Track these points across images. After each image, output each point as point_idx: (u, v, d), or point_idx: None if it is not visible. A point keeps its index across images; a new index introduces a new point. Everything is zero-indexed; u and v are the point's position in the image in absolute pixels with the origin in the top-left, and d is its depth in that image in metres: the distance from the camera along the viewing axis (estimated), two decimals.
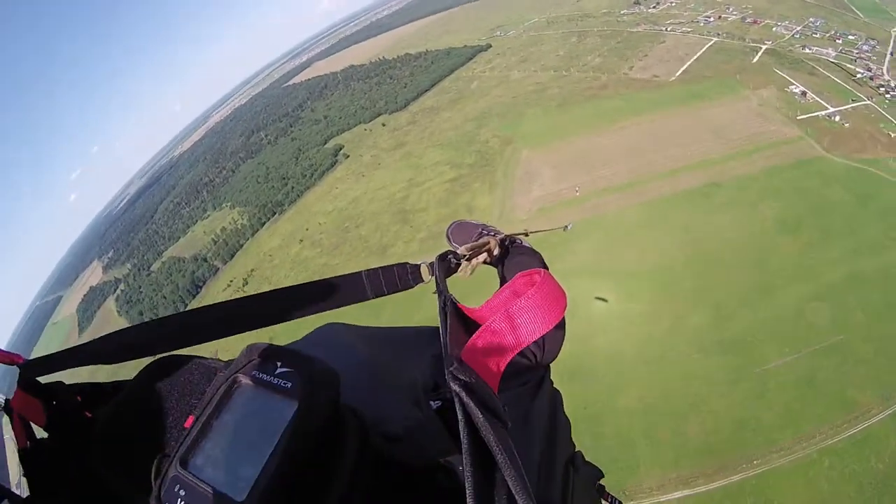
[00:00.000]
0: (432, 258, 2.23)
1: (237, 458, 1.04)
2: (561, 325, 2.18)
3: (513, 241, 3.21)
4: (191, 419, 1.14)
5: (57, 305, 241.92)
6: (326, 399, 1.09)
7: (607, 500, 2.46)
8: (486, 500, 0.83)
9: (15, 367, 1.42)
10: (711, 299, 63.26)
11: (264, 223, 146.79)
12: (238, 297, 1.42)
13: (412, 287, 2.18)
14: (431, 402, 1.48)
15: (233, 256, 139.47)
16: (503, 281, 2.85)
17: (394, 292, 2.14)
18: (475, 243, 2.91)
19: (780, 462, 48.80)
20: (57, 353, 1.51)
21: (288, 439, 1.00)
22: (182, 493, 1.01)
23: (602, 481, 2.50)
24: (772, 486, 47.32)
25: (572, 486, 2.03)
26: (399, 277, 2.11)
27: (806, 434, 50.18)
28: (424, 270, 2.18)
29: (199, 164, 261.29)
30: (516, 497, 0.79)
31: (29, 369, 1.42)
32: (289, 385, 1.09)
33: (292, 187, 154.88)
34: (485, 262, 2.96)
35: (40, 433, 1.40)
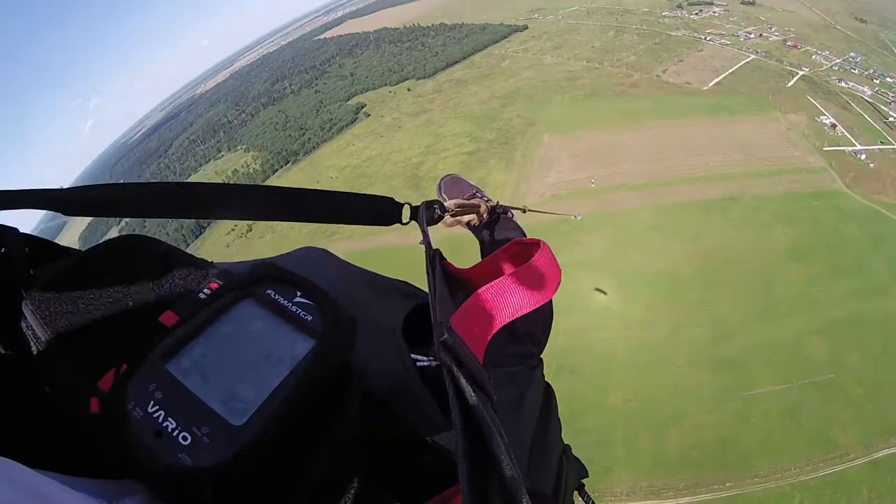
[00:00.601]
0: (418, 203, 2.18)
1: (235, 376, 0.88)
2: (550, 307, 2.27)
3: (504, 211, 3.17)
4: (170, 315, 0.99)
5: (60, 231, 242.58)
6: (345, 346, 0.96)
7: (583, 499, 2.46)
8: (478, 479, 0.77)
9: None
10: (712, 314, 62.65)
11: (276, 170, 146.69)
12: (223, 182, 1.41)
13: (389, 224, 2.11)
14: (418, 360, 1.41)
15: None
16: (484, 248, 3.00)
17: (371, 224, 2.06)
18: (465, 202, 2.91)
19: (752, 489, 48.63)
20: (22, 189, 1.32)
21: (301, 376, 0.87)
22: (158, 394, 0.84)
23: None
24: None
25: (566, 478, 2.00)
26: (379, 211, 2.03)
27: (782, 465, 49.97)
28: (406, 213, 2.11)
29: (219, 105, 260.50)
30: (506, 477, 0.77)
31: None
32: (308, 318, 0.96)
33: (309, 138, 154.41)
34: (468, 224, 2.98)
35: None
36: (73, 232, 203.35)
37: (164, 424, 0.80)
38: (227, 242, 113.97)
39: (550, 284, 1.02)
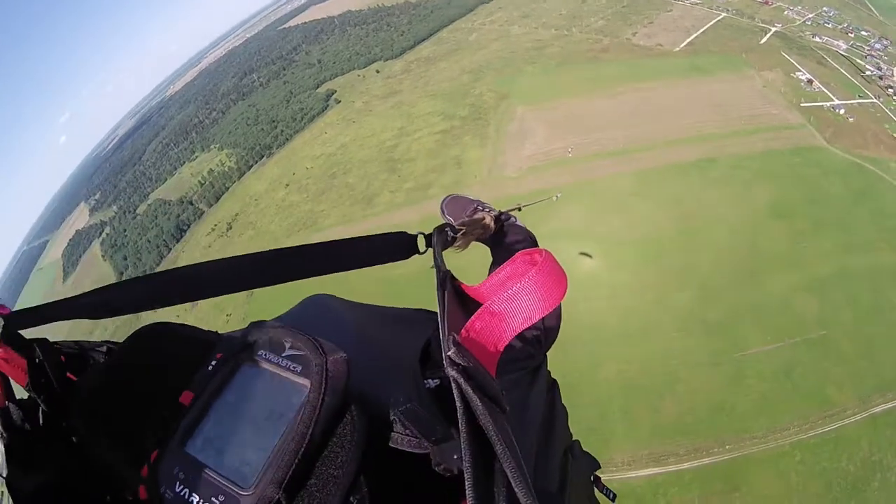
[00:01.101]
0: (429, 230, 2.23)
1: (241, 443, 1.00)
2: (559, 312, 2.31)
3: (507, 217, 3.16)
4: (188, 395, 1.10)
5: (43, 250, 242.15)
6: (338, 386, 1.05)
7: (602, 492, 2.50)
8: (485, 492, 0.80)
9: None
10: (698, 277, 62.19)
11: (251, 166, 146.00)
12: (228, 256, 1.49)
13: (406, 258, 2.16)
14: (427, 382, 1.43)
15: (218, 200, 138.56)
16: (495, 258, 2.96)
17: (388, 262, 2.10)
18: (471, 218, 2.95)
19: (752, 450, 48.28)
20: (45, 304, 1.41)
21: (298, 426, 0.97)
22: (181, 474, 0.97)
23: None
24: (742, 472, 46.83)
25: (570, 475, 2.05)
26: (394, 246, 2.08)
27: (780, 426, 49.67)
28: (420, 242, 2.17)
29: (189, 105, 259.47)
30: (515, 489, 0.76)
31: (14, 321, 1.31)
32: (298, 369, 1.06)
33: (281, 130, 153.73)
34: (478, 239, 2.96)
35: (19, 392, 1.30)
36: (58, 248, 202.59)
37: (190, 499, 0.92)
38: (209, 243, 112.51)
39: (556, 290, 1.01)
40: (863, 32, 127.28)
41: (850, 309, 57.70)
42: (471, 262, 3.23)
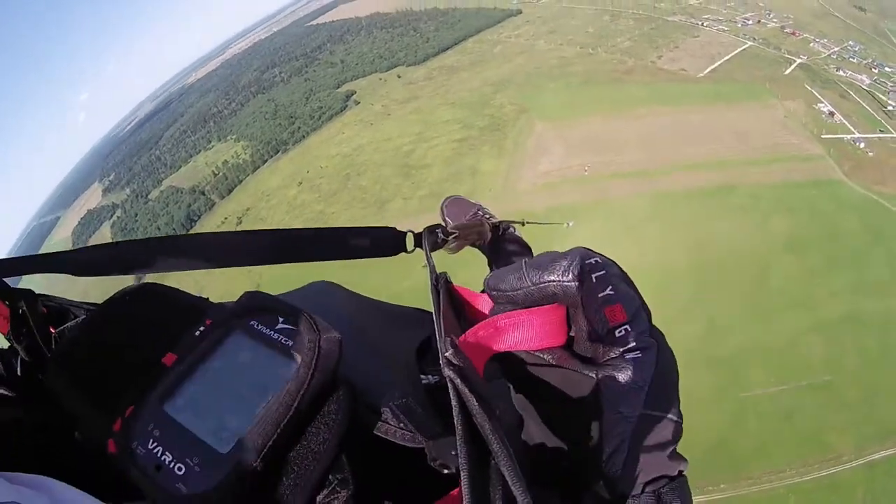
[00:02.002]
0: (419, 229, 2.20)
1: (223, 409, 0.98)
2: None
3: (506, 228, 3.15)
4: (171, 356, 1.08)
5: (54, 227, 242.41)
6: (328, 366, 1.04)
7: None
8: (482, 490, 0.79)
9: None
10: (707, 311, 61.61)
11: (266, 161, 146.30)
12: (226, 231, 1.50)
13: (393, 255, 2.14)
14: (425, 378, 1.47)
15: (230, 192, 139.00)
16: (491, 266, 3.02)
17: (375, 256, 2.10)
18: (467, 223, 3.05)
19: (746, 490, 48.16)
20: (31, 255, 1.47)
21: (283, 399, 0.95)
22: (156, 432, 0.95)
23: None
24: None
25: None
26: (382, 241, 2.07)
27: (777, 468, 49.48)
28: (409, 240, 2.17)
29: (209, 94, 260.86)
30: (511, 486, 0.74)
31: (0, 269, 1.36)
32: (290, 343, 1.05)
33: (298, 127, 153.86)
34: (473, 244, 2.97)
35: None
36: (68, 225, 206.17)
37: (163, 458, 0.90)
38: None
39: (558, 332, 1.01)
40: (886, 69, 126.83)
41: (856, 354, 56.91)
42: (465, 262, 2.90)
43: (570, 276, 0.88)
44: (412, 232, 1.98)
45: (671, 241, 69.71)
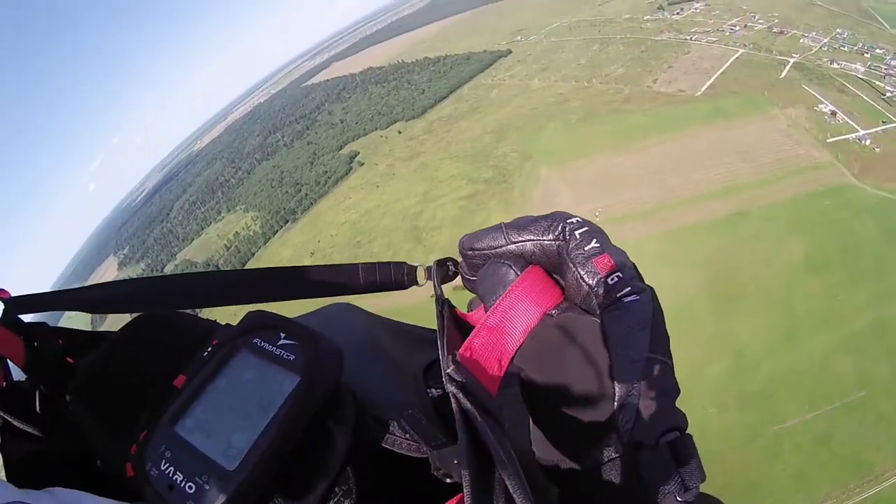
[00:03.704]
0: (430, 263, 2.21)
1: (230, 426, 1.00)
2: None
3: None
4: (181, 378, 1.12)
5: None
6: (329, 377, 1.07)
7: None
8: (484, 498, 0.77)
9: None
10: (733, 345, 61.12)
11: (276, 231, 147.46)
12: (238, 269, 1.54)
13: (406, 288, 2.12)
14: (430, 391, 1.53)
15: (244, 265, 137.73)
16: None
17: (387, 290, 2.07)
18: None
19: None
20: (46, 292, 1.53)
21: (285, 413, 0.97)
22: (167, 453, 0.99)
23: None
24: None
25: None
26: (395, 276, 2.06)
27: (817, 498, 48.88)
28: (420, 274, 2.12)
29: (216, 163, 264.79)
30: (514, 497, 0.73)
31: (14, 306, 1.41)
32: (291, 358, 1.06)
33: (306, 194, 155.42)
34: None
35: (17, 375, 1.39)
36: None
37: (174, 478, 0.94)
38: (235, 310, 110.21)
39: (547, 293, 1.01)
40: (877, 50, 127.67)
41: (887, 363, 56.33)
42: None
43: (551, 235, 0.92)
44: (422, 266, 1.78)
45: (690, 278, 69.17)
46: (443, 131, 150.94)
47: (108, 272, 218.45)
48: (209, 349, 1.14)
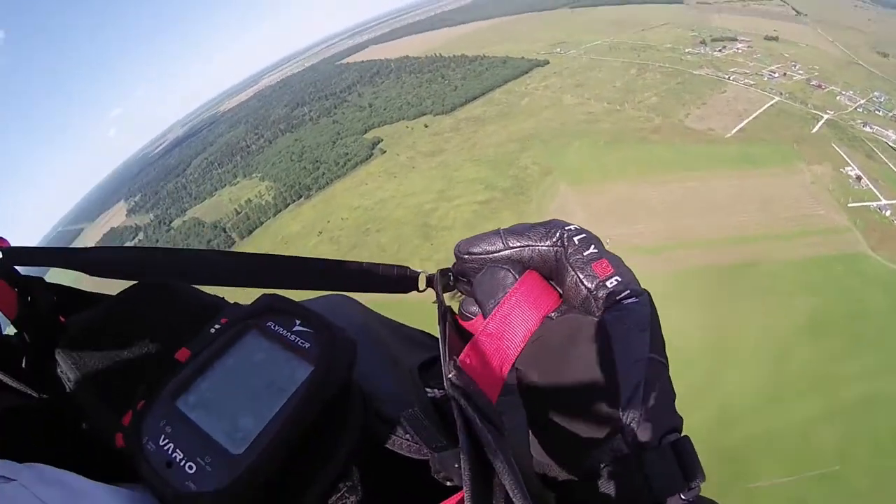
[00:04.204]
0: (432, 271, 2.19)
1: (237, 408, 0.96)
2: None
3: None
4: (184, 351, 1.06)
5: (76, 237, 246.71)
6: (343, 369, 1.03)
7: None
8: (483, 501, 0.80)
9: None
10: (718, 397, 60.81)
11: (288, 205, 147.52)
12: (237, 251, 1.49)
13: (406, 293, 2.10)
14: (427, 390, 1.49)
15: (251, 233, 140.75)
16: None
17: (388, 292, 2.05)
18: None
19: None
20: (47, 248, 1.44)
21: (298, 401, 0.93)
22: (168, 428, 0.93)
23: None
24: None
25: None
26: (397, 279, 2.03)
27: None
28: (422, 280, 2.11)
29: (239, 126, 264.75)
30: (513, 498, 0.76)
31: (11, 256, 1.34)
32: (306, 345, 1.03)
33: (323, 173, 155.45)
34: None
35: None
36: (90, 239, 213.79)
37: (173, 455, 0.88)
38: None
39: (546, 297, 1.03)
40: None
41: (869, 440, 56.22)
42: None
43: (549, 241, 0.94)
44: (425, 273, 1.79)
45: (687, 322, 68.59)
46: (469, 132, 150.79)
47: (116, 216, 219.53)
48: (217, 326, 1.11)
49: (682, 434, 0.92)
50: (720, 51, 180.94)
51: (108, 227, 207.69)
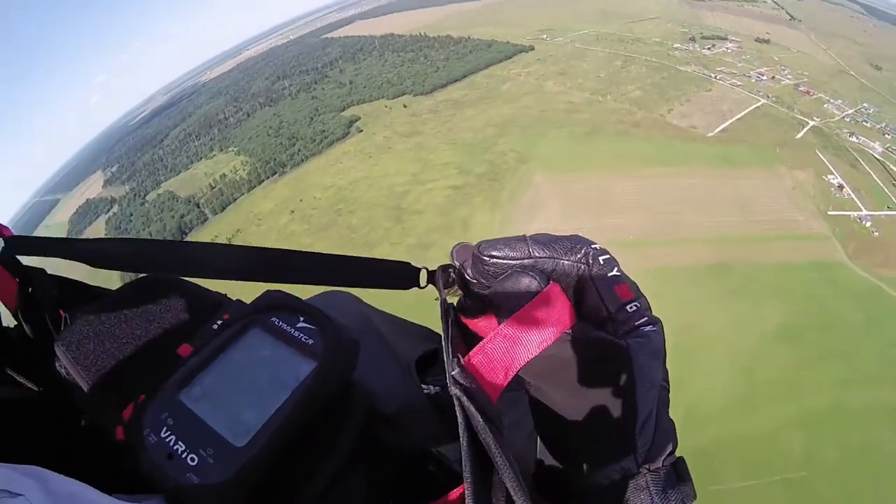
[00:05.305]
0: (433, 267, 2.20)
1: (240, 402, 0.98)
2: None
3: None
4: (186, 347, 1.08)
5: (53, 208, 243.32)
6: (346, 367, 1.06)
7: None
8: (485, 499, 0.82)
9: None
10: (685, 398, 59.27)
11: (262, 181, 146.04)
12: (233, 244, 1.51)
13: (406, 288, 2.11)
14: (427, 388, 1.53)
15: (224, 209, 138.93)
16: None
17: (390, 288, 2.06)
18: None
19: None
20: (49, 237, 1.45)
21: (301, 396, 0.95)
22: (169, 421, 0.95)
23: None
24: None
25: None
26: (398, 275, 2.04)
27: None
28: (422, 277, 2.12)
29: (220, 97, 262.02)
30: (514, 496, 0.77)
31: (13, 246, 1.36)
32: (310, 342, 1.04)
33: (299, 150, 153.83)
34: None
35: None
36: (67, 210, 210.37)
37: (175, 448, 0.90)
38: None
39: (568, 312, 0.98)
40: None
41: (835, 448, 55.58)
42: None
43: (574, 256, 0.94)
44: (426, 269, 1.82)
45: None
46: (447, 114, 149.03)
47: (93, 187, 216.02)
48: (220, 321, 1.12)
49: (678, 455, 0.93)
50: (709, 49, 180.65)
51: (83, 198, 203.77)
